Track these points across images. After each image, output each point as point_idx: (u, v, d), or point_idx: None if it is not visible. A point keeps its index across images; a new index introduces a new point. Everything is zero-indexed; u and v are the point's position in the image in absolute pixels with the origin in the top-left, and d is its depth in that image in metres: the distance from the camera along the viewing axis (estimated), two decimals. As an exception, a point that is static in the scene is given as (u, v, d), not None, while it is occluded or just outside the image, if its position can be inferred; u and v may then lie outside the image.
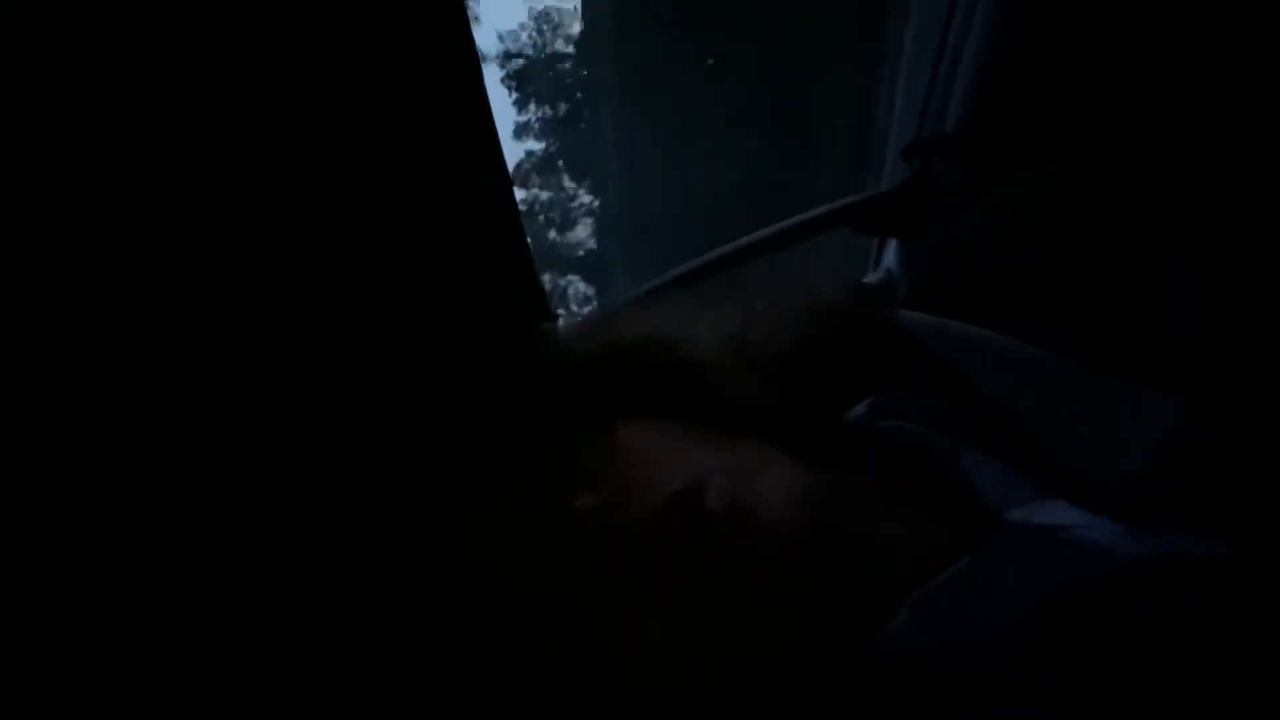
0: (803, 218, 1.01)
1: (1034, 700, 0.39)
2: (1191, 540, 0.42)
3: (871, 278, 1.01)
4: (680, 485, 0.44)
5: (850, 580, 0.44)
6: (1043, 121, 0.83)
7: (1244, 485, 0.44)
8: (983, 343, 0.50)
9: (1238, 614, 0.40)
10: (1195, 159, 0.53)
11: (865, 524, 0.46)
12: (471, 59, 0.51)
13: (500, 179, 0.53)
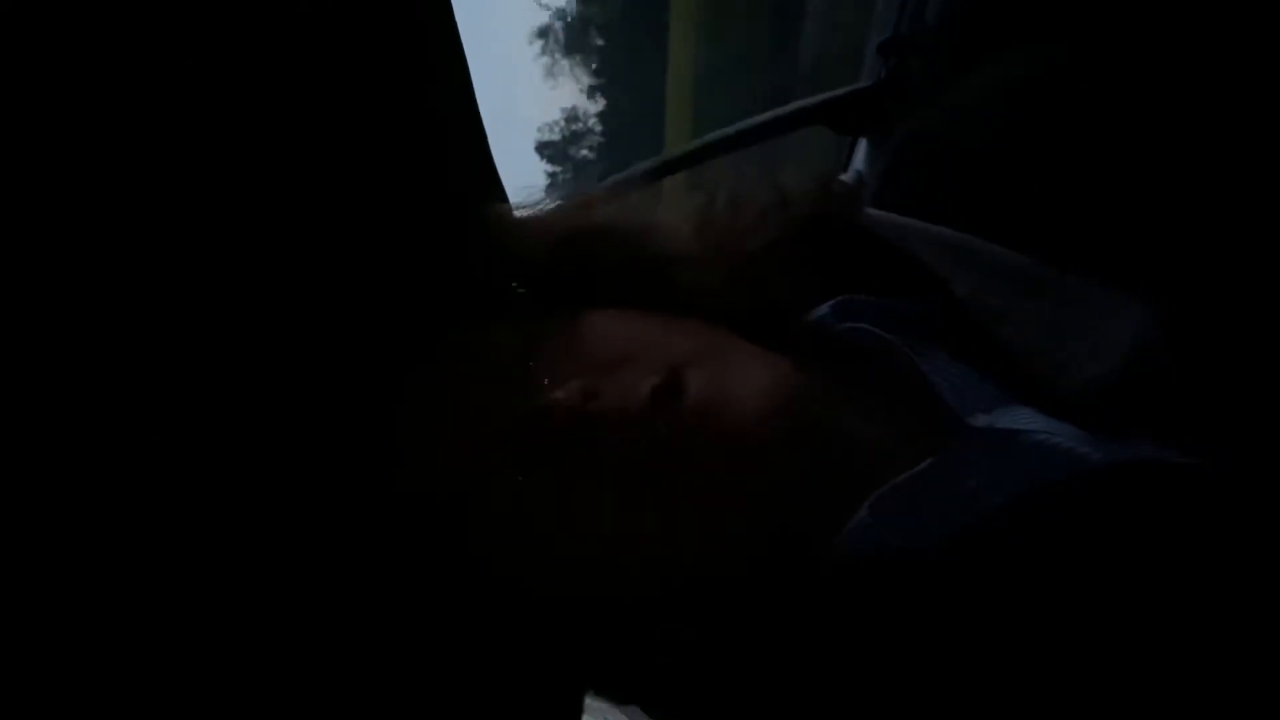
0: (776, 113, 1.00)
1: (988, 604, 0.39)
2: (1155, 449, 0.42)
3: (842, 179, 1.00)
4: (657, 376, 0.43)
5: (816, 478, 0.43)
6: (1025, 19, 0.81)
7: (1211, 396, 0.43)
8: (952, 243, 0.49)
9: (1198, 522, 0.39)
10: (1182, 61, 0.51)
11: (832, 422, 0.45)
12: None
13: (453, 49, 0.50)
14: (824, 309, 0.49)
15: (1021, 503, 0.40)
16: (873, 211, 0.53)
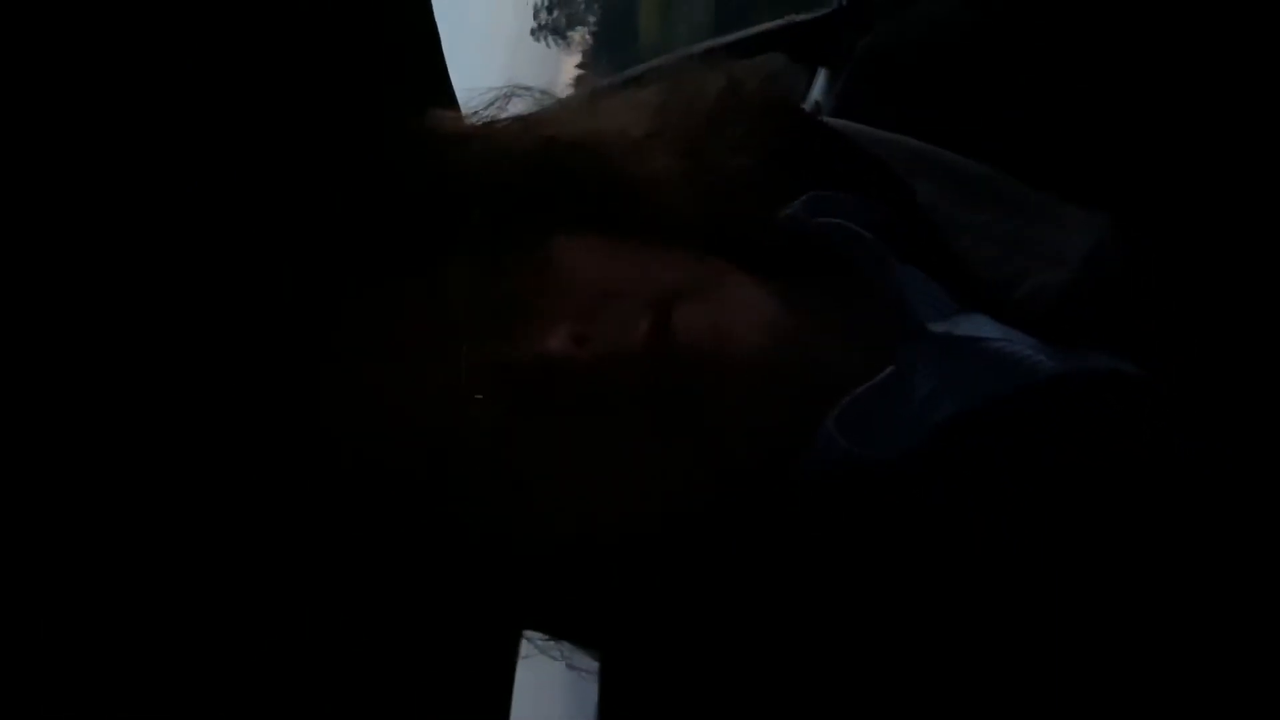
0: (735, 36, 0.97)
1: (945, 510, 0.39)
2: (1108, 360, 0.42)
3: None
4: (649, 313, 0.41)
5: (795, 397, 0.43)
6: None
7: (1165, 305, 0.44)
8: (913, 151, 0.49)
9: (1151, 431, 0.40)
10: None
11: (815, 343, 0.45)
12: None
13: None
14: (795, 205, 0.47)
15: (977, 411, 0.41)
16: (833, 120, 0.51)
